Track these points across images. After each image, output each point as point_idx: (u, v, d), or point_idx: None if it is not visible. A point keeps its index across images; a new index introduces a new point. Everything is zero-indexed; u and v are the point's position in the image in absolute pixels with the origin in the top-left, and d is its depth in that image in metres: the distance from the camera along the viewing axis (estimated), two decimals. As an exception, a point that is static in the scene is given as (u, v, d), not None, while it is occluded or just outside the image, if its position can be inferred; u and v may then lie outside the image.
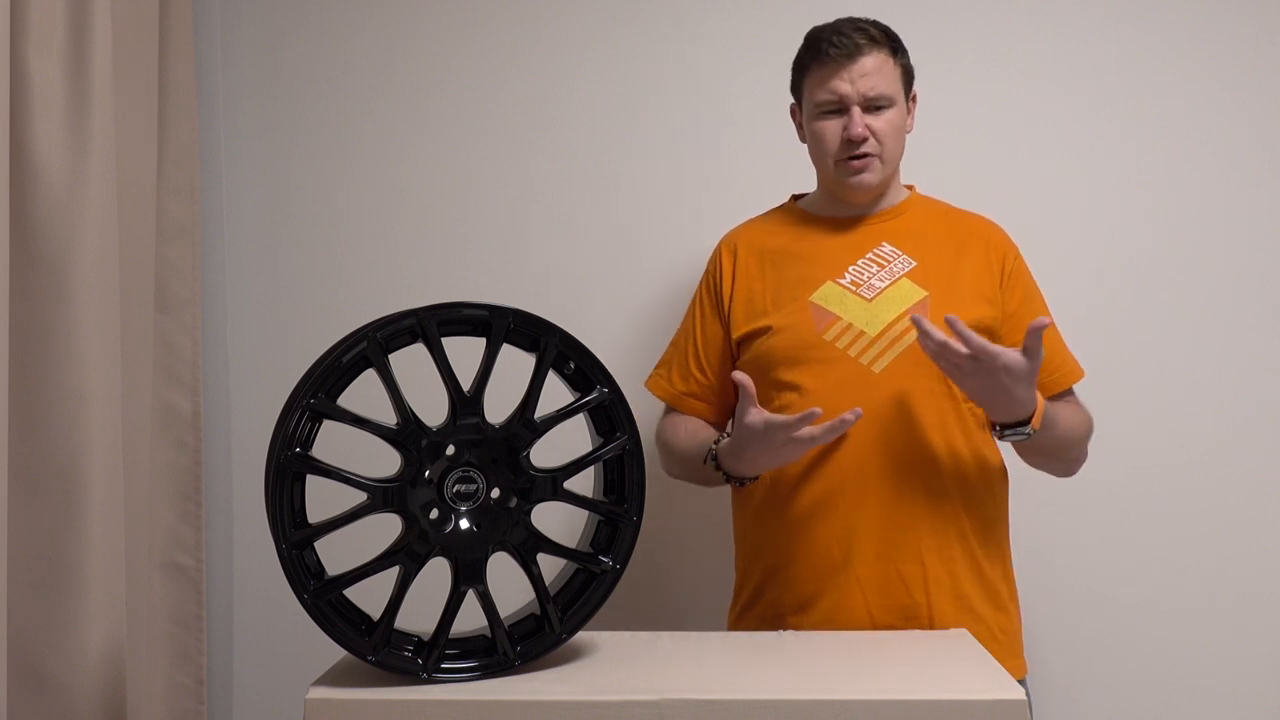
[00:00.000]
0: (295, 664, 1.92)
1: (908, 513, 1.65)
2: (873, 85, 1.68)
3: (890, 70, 1.70)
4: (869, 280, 1.70)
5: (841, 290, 1.70)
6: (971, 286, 1.71)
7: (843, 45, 1.68)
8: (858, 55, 1.67)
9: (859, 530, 1.65)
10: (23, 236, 1.66)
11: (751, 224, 1.86)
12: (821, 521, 1.66)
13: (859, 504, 1.65)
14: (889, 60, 1.70)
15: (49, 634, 1.67)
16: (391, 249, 2.24)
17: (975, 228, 1.78)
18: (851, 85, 1.68)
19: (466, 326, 1.35)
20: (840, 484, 1.65)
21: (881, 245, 1.74)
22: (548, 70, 2.23)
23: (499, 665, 1.33)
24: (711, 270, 1.84)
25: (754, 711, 1.22)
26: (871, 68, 1.68)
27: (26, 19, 1.65)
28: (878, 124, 1.69)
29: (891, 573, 1.64)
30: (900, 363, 1.65)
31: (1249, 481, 2.13)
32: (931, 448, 1.65)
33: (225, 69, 2.27)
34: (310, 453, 1.31)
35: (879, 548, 1.64)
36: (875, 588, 1.64)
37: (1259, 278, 2.14)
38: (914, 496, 1.65)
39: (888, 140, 1.70)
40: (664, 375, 1.85)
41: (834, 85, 1.69)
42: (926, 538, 1.65)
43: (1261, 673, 2.12)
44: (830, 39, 1.69)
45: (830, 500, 1.66)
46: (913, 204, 1.80)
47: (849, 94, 1.68)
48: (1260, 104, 2.15)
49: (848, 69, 1.68)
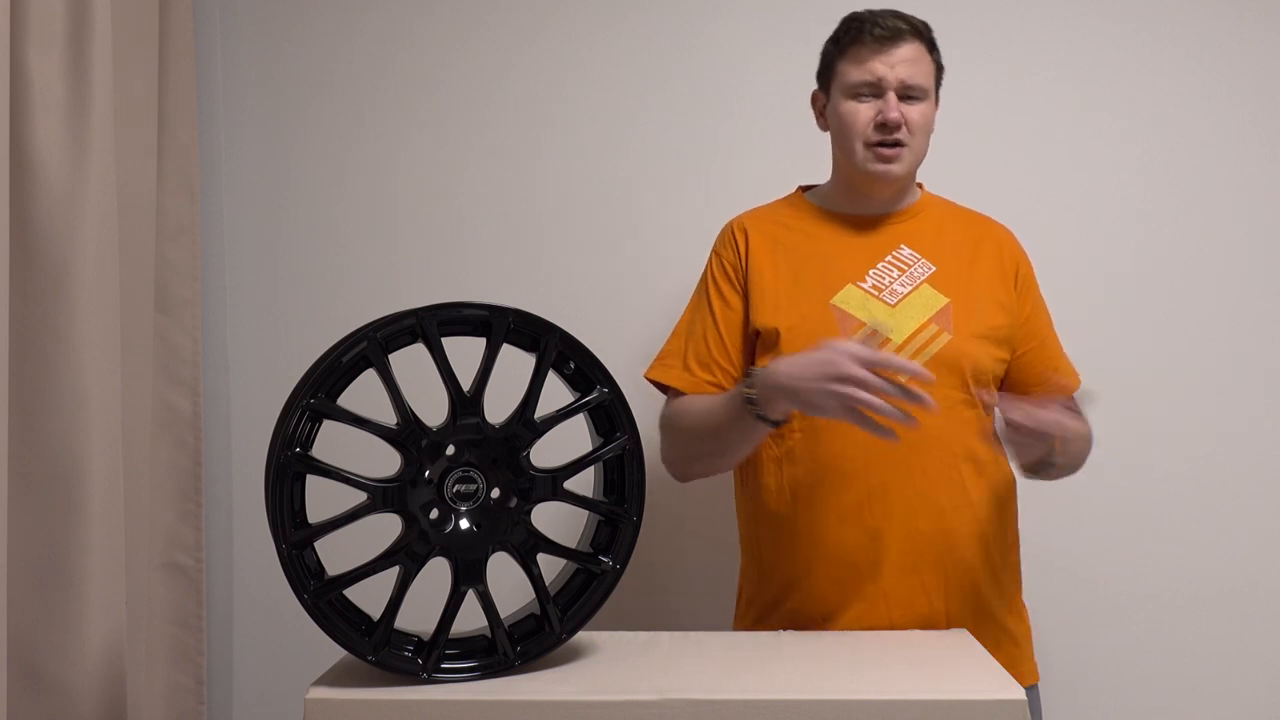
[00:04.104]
0: (295, 664, 1.92)
1: (932, 522, 1.63)
2: (911, 74, 1.65)
3: (927, 63, 1.68)
4: (891, 285, 1.68)
5: (863, 294, 1.67)
6: (987, 292, 1.70)
7: (886, 28, 1.65)
8: (899, 41, 1.65)
9: (883, 541, 1.62)
10: (23, 236, 1.66)
11: (760, 210, 1.81)
12: (845, 533, 1.63)
13: (885, 514, 1.62)
14: (926, 53, 1.68)
15: (49, 634, 1.67)
16: (391, 249, 2.24)
17: (988, 231, 1.77)
18: (891, 69, 1.65)
19: (466, 326, 1.35)
20: (865, 494, 1.62)
21: (900, 248, 1.71)
22: (547, 69, 2.23)
23: (499, 665, 1.33)
24: (726, 252, 1.76)
25: (754, 711, 1.22)
26: (911, 56, 1.66)
27: (26, 19, 1.65)
28: (912, 114, 1.66)
29: (915, 583, 1.63)
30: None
31: (1250, 482, 2.13)
32: (955, 457, 1.64)
33: (225, 69, 2.27)
34: (310, 453, 1.31)
35: (904, 559, 1.62)
36: (900, 599, 1.63)
37: (1259, 277, 2.14)
38: (938, 506, 1.63)
39: (918, 132, 1.68)
40: (677, 365, 1.73)
41: (873, 66, 1.65)
42: (950, 547, 1.63)
43: (1264, 674, 2.12)
44: (874, 20, 1.67)
45: (854, 511, 1.63)
46: (926, 204, 1.78)
47: (887, 77, 1.65)
48: (1260, 103, 2.15)
49: (889, 53, 1.65)
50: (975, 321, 1.66)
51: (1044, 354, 1.74)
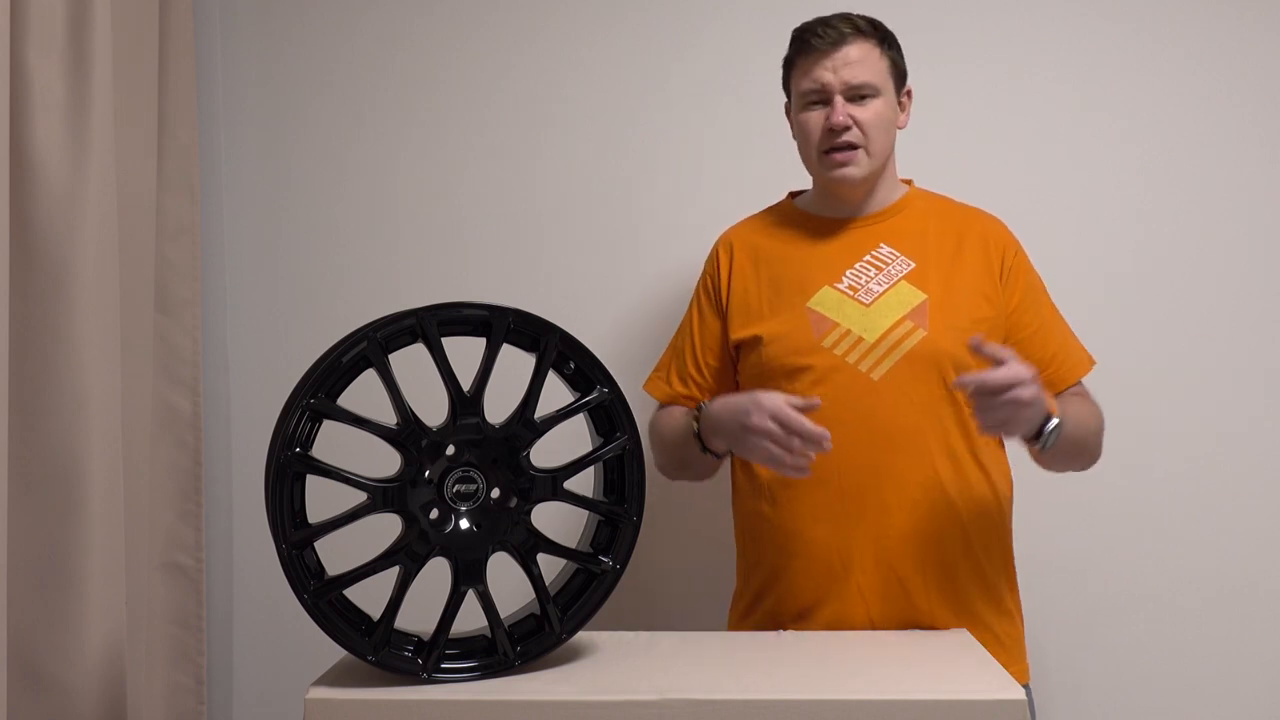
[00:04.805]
0: (295, 664, 1.93)
1: (907, 520, 1.63)
2: (856, 74, 1.66)
3: (876, 61, 1.68)
4: (867, 285, 1.68)
5: (839, 295, 1.68)
6: (971, 284, 1.69)
7: (827, 35, 1.67)
8: (841, 44, 1.66)
9: (858, 538, 1.63)
10: (23, 236, 1.66)
11: (748, 222, 1.85)
12: (820, 529, 1.65)
13: (859, 512, 1.63)
14: (875, 50, 1.68)
15: (49, 634, 1.68)
16: (392, 249, 2.24)
17: (974, 223, 1.76)
18: (834, 74, 1.66)
19: (466, 326, 1.35)
20: (839, 492, 1.64)
21: (880, 247, 1.72)
22: (547, 69, 2.23)
23: (499, 665, 1.33)
24: (709, 270, 1.83)
25: (754, 711, 1.22)
26: (856, 56, 1.66)
27: (26, 19, 1.65)
28: (863, 114, 1.67)
29: (893, 580, 1.63)
30: (899, 369, 1.64)
31: (1250, 482, 2.13)
32: (931, 455, 1.64)
33: (225, 69, 2.27)
34: (310, 453, 1.31)
35: (879, 555, 1.63)
36: (877, 595, 1.63)
37: (1259, 277, 2.14)
38: (914, 504, 1.63)
39: (872, 131, 1.67)
40: (662, 378, 1.84)
41: (817, 74, 1.67)
42: (928, 545, 1.63)
43: (1264, 674, 2.12)
44: (815, 29, 1.69)
45: (829, 508, 1.64)
46: (911, 201, 1.77)
47: (831, 82, 1.66)
48: (1260, 103, 2.15)
49: (831, 58, 1.66)
50: (956, 315, 1.66)
51: (1039, 341, 1.71)
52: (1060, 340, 1.73)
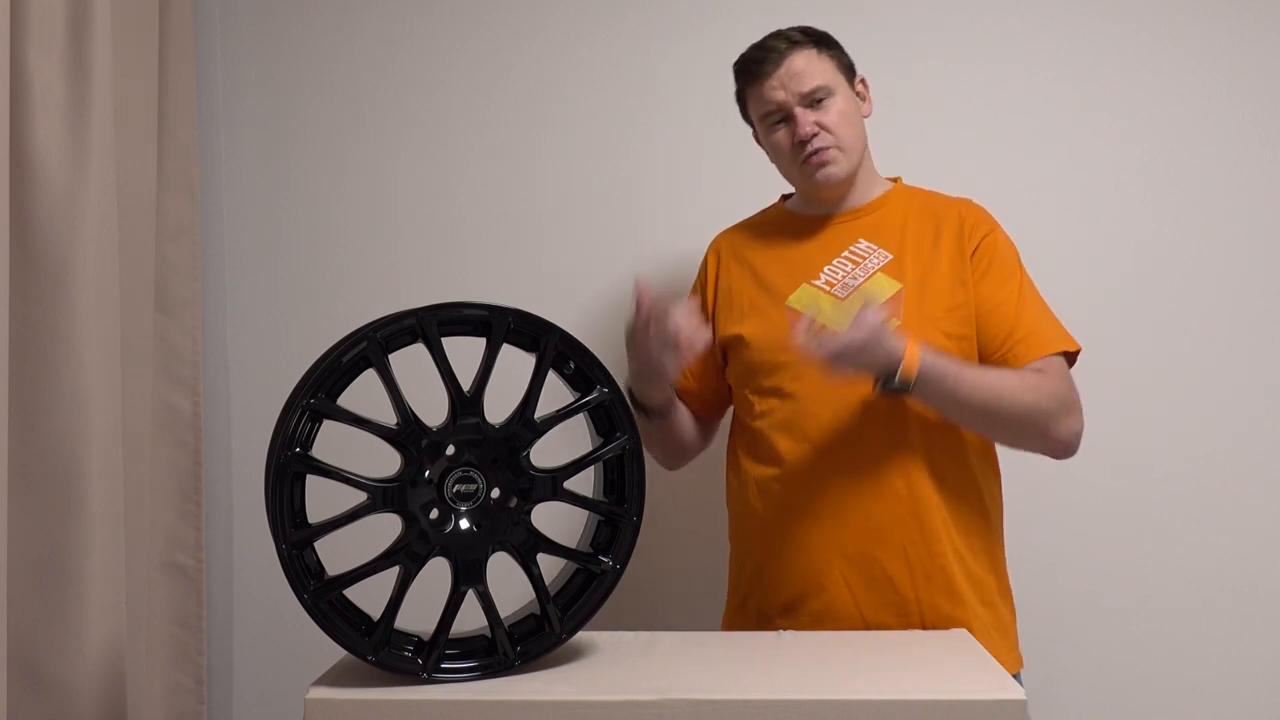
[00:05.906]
0: (295, 664, 1.92)
1: (888, 510, 1.64)
2: (805, 82, 1.68)
3: (821, 63, 1.70)
4: (843, 279, 1.70)
5: (815, 291, 1.70)
6: (948, 270, 1.69)
7: (768, 56, 1.70)
8: (782, 60, 1.69)
9: (840, 530, 1.64)
10: (23, 236, 1.66)
11: (738, 226, 1.87)
12: (801, 522, 1.66)
13: (838, 503, 1.65)
14: (815, 54, 1.70)
15: (49, 634, 1.68)
16: (392, 249, 2.24)
17: (951, 210, 1.74)
18: (785, 89, 1.69)
19: (466, 326, 1.35)
20: (819, 483, 1.65)
21: (858, 242, 1.73)
22: (547, 69, 2.23)
23: (499, 665, 1.33)
24: (700, 276, 1.86)
25: (754, 711, 1.22)
26: (800, 66, 1.69)
27: (26, 19, 1.65)
28: (826, 117, 1.69)
29: (877, 571, 1.64)
30: None
31: (1248, 480, 2.13)
32: (909, 443, 1.64)
33: (225, 69, 2.27)
34: (310, 453, 1.31)
35: (861, 546, 1.64)
36: (863, 586, 1.64)
37: (1259, 277, 2.14)
38: (893, 493, 1.64)
39: (839, 129, 1.69)
40: None
41: (769, 95, 1.70)
42: (910, 534, 1.64)
43: (1264, 674, 2.12)
44: (753, 55, 1.73)
45: (808, 500, 1.66)
46: (893, 196, 1.78)
47: (785, 99, 1.69)
48: (1260, 103, 2.15)
49: (777, 75, 1.69)
50: (930, 303, 1.66)
51: (998, 317, 1.66)
52: (1025, 317, 1.67)
